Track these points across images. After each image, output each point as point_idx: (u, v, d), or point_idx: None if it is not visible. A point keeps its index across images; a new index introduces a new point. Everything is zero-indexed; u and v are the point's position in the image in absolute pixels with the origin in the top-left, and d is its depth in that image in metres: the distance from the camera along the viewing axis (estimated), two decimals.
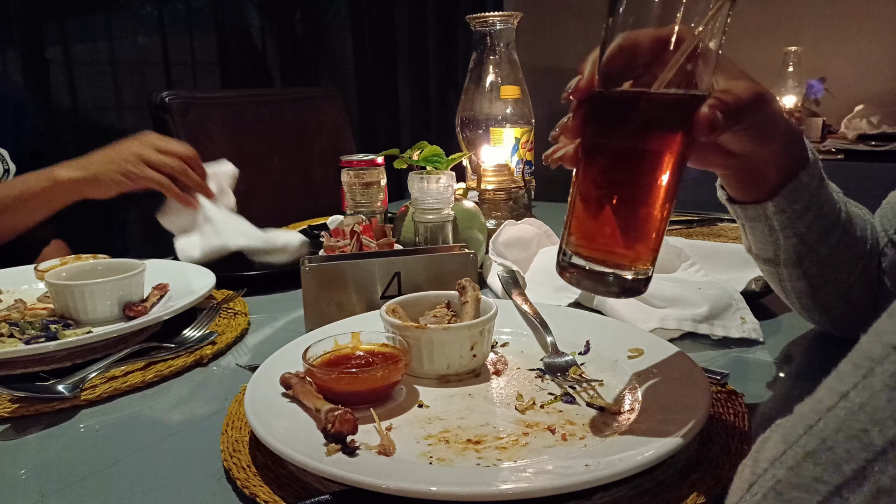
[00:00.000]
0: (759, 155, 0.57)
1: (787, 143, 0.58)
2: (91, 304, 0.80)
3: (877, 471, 0.24)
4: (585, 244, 0.49)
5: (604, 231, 0.49)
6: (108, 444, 0.57)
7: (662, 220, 0.48)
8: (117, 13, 2.11)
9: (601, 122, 0.48)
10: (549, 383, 0.61)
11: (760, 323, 0.76)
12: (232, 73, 2.33)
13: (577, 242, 0.50)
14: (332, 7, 2.85)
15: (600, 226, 0.49)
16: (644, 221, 0.48)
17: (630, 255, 0.49)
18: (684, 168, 0.49)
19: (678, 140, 0.47)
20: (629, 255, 0.49)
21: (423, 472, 0.47)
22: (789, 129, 0.57)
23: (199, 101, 1.64)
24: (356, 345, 0.63)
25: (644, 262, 0.49)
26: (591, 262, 0.49)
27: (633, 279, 0.49)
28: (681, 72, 0.45)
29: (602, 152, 0.49)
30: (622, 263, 0.48)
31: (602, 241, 0.49)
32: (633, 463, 0.44)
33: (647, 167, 0.47)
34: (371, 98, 2.85)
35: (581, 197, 0.50)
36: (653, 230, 0.48)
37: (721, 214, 1.36)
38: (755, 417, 0.56)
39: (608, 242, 0.49)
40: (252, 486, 0.47)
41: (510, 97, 1.23)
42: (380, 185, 1.15)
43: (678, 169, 0.48)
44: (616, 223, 0.48)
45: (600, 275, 0.49)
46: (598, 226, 0.49)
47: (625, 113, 0.47)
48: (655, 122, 0.47)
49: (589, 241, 0.50)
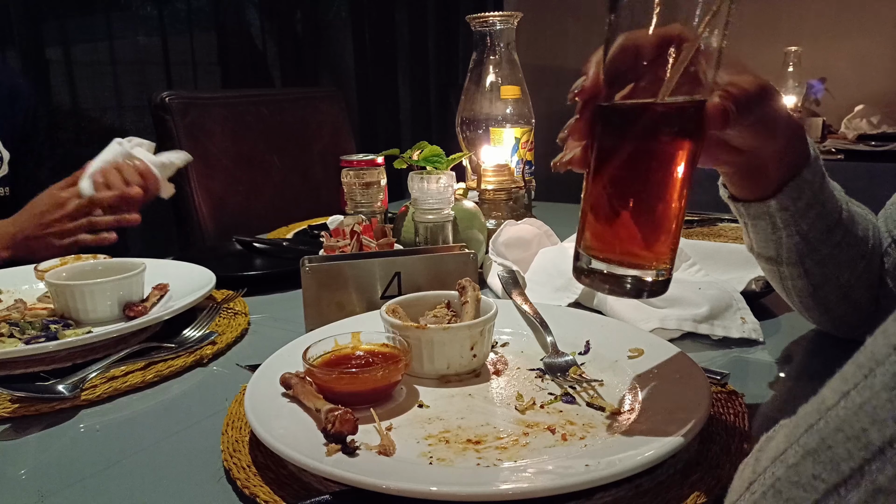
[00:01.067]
0: (763, 151, 0.57)
1: (790, 139, 0.58)
2: (91, 304, 0.80)
3: (874, 470, 0.24)
4: (603, 247, 0.50)
5: (622, 234, 0.49)
6: (108, 444, 0.57)
7: (679, 219, 0.49)
8: (117, 13, 2.11)
9: (612, 131, 0.49)
10: (549, 383, 0.61)
11: (760, 323, 0.75)
12: (232, 73, 2.33)
13: (595, 245, 0.50)
14: (332, 7, 2.85)
15: (618, 229, 0.50)
16: (661, 222, 0.49)
17: (650, 256, 0.49)
18: (695, 166, 0.49)
19: (688, 143, 0.48)
20: (649, 256, 0.49)
21: (423, 472, 0.47)
22: (792, 124, 0.58)
23: (199, 101, 1.64)
24: (356, 345, 0.63)
25: (664, 262, 0.49)
26: (611, 264, 0.49)
27: (652, 281, 0.49)
28: (685, 73, 0.46)
29: (614, 159, 0.49)
30: (642, 264, 0.49)
31: (621, 244, 0.50)
32: (633, 463, 0.44)
33: (661, 171, 0.48)
34: (371, 98, 2.85)
35: (596, 201, 0.50)
36: (670, 229, 0.49)
37: (721, 214, 1.36)
38: (755, 417, 0.56)
39: (627, 244, 0.49)
40: (252, 486, 0.47)
41: (510, 97, 1.23)
42: (380, 185, 1.15)
43: (690, 168, 0.48)
44: (634, 226, 0.49)
45: (620, 278, 0.49)
46: (615, 229, 0.50)
47: (635, 123, 0.48)
48: (666, 131, 0.48)
49: (606, 245, 0.50)
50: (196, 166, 1.53)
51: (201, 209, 1.57)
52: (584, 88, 0.49)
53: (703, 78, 0.47)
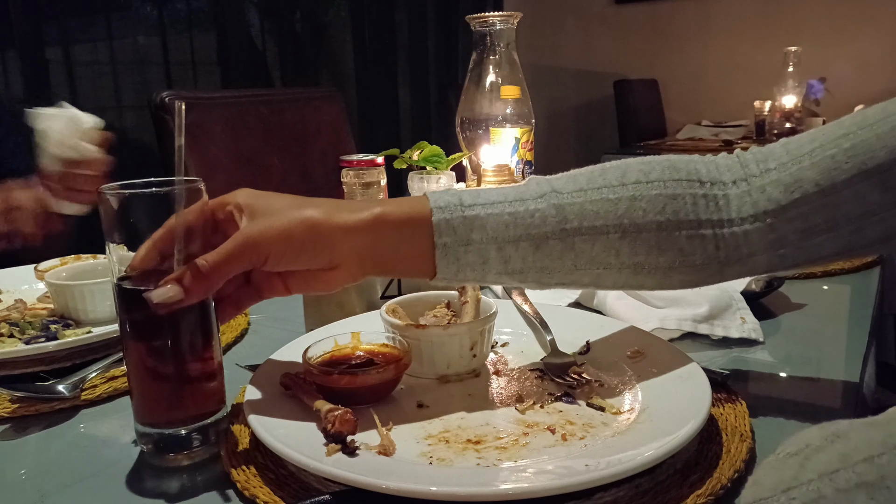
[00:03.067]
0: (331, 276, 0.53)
1: (312, 252, 0.52)
2: (91, 304, 0.80)
3: None
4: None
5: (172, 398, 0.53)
6: (108, 444, 0.57)
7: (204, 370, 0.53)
8: (117, 13, 2.11)
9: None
10: (549, 383, 0.61)
11: (760, 323, 0.75)
12: (232, 73, 2.34)
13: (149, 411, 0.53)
14: (332, 7, 2.85)
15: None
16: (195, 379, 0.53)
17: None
18: (210, 318, 0.53)
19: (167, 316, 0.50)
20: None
21: (423, 472, 0.47)
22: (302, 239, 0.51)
23: (199, 101, 1.64)
24: (356, 345, 0.63)
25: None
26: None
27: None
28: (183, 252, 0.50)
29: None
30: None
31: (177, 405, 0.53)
32: (633, 463, 0.44)
33: (163, 340, 0.51)
34: (371, 98, 2.85)
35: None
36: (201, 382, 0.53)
37: None
38: (755, 417, 0.56)
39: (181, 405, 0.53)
40: (252, 487, 0.47)
41: (510, 97, 1.23)
42: (380, 185, 1.15)
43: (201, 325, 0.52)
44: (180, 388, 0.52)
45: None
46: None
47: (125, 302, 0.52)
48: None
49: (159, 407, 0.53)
50: (196, 166, 1.53)
51: None
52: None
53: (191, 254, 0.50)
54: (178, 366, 0.52)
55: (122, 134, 2.11)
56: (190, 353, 0.52)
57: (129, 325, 0.51)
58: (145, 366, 0.52)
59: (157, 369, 0.51)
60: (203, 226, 0.52)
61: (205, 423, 0.53)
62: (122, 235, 0.50)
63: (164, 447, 0.52)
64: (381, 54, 2.88)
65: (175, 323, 0.51)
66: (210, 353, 0.53)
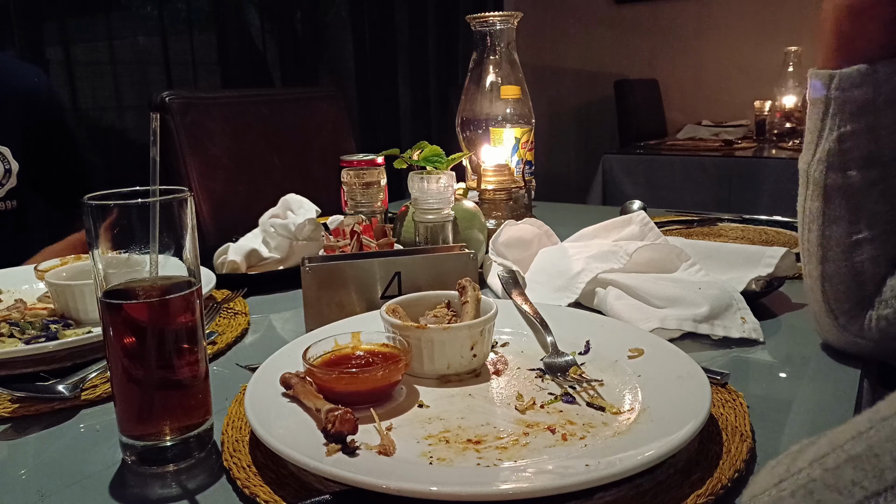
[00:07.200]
0: None
1: None
2: (91, 304, 0.80)
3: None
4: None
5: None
6: (108, 444, 0.57)
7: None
8: (117, 13, 2.11)
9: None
10: (549, 383, 0.61)
11: (760, 323, 0.75)
12: (232, 73, 2.34)
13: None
14: (332, 7, 2.85)
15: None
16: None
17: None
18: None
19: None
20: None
21: (424, 472, 0.47)
22: None
23: (199, 101, 1.64)
24: (356, 345, 0.63)
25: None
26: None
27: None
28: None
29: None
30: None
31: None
32: (633, 463, 0.44)
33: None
34: (371, 98, 2.85)
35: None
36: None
37: (721, 214, 1.36)
38: (755, 417, 0.56)
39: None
40: (252, 486, 0.47)
41: (510, 97, 1.23)
42: (380, 185, 1.15)
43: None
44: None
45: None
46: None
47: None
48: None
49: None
50: (196, 166, 1.53)
51: (201, 209, 1.57)
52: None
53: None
54: (160, 378, 0.52)
55: (122, 134, 2.11)
56: (173, 367, 0.52)
57: (113, 339, 0.52)
58: (128, 378, 0.52)
59: (140, 382, 0.52)
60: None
61: (187, 435, 0.53)
62: (105, 245, 0.50)
63: (147, 459, 0.52)
64: (381, 54, 2.88)
65: (159, 338, 0.51)
66: (195, 369, 0.53)
